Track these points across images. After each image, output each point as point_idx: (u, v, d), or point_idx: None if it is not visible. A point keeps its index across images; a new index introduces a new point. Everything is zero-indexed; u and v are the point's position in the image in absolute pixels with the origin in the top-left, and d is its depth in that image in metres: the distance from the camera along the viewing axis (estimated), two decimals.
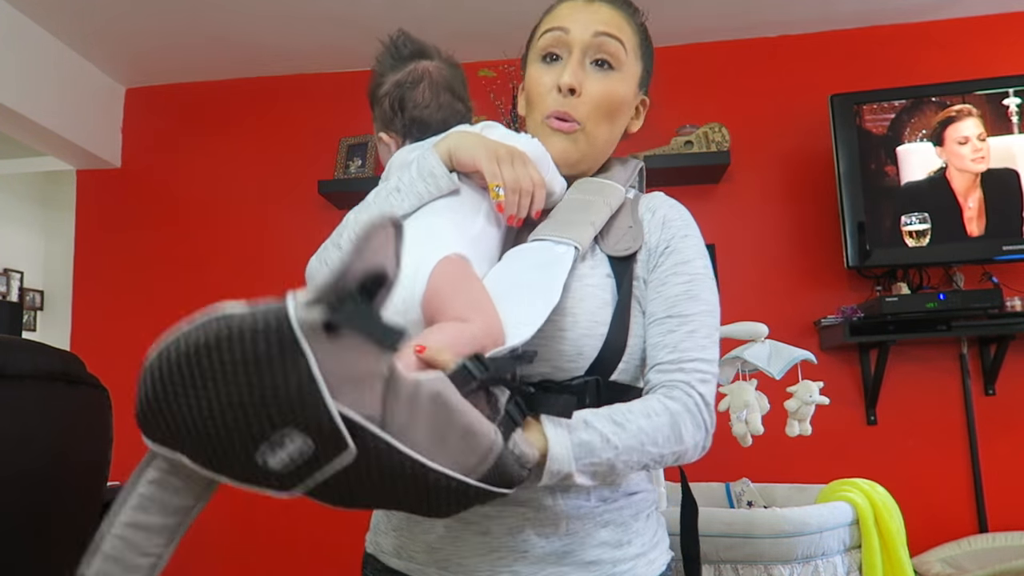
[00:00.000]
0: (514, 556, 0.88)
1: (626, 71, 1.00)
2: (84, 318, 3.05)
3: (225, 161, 3.09)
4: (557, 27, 0.98)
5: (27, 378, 1.10)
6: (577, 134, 0.98)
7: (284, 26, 2.74)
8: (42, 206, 4.97)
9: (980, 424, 2.64)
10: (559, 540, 0.89)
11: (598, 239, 0.96)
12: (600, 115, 0.98)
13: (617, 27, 0.99)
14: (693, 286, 0.94)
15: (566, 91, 0.96)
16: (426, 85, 1.04)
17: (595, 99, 0.97)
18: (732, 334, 1.78)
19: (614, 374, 0.91)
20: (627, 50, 0.99)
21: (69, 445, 1.21)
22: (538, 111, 1.00)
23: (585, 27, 0.97)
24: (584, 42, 0.97)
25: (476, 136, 0.94)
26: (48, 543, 1.17)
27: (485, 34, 2.83)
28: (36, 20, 2.66)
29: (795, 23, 2.86)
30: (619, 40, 0.98)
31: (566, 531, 0.89)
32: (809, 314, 2.76)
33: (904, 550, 1.69)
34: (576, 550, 0.89)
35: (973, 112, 2.56)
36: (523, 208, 0.90)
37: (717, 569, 1.60)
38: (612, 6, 1.01)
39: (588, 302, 0.90)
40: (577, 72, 0.96)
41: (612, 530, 0.91)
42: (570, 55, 0.97)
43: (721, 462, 2.55)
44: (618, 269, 0.94)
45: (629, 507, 0.94)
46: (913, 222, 2.52)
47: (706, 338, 0.91)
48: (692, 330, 0.91)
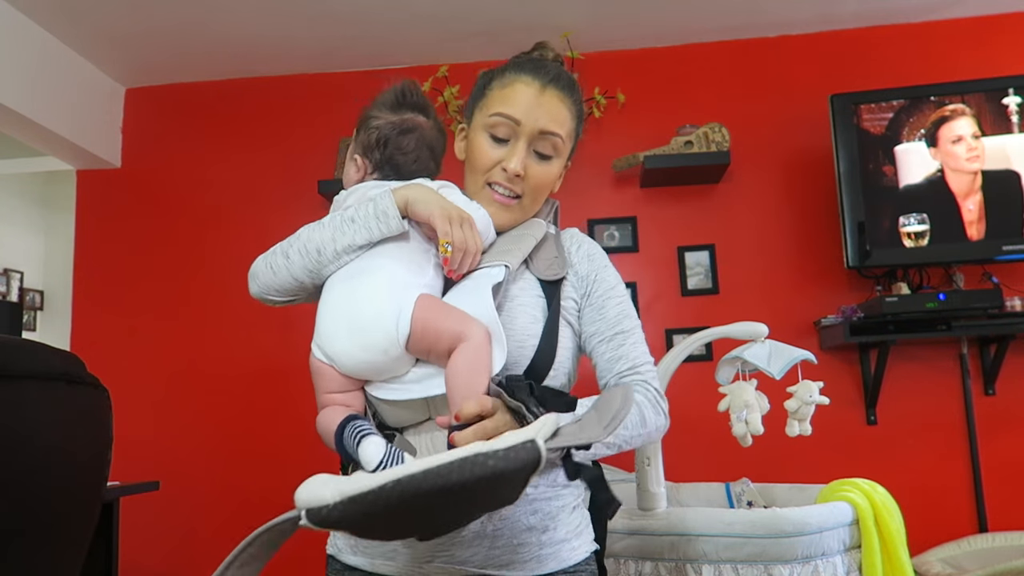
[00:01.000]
0: (451, 540, 0.99)
1: (561, 156, 1.16)
2: (84, 318, 3.05)
3: (225, 161, 3.09)
4: (508, 116, 1.12)
5: (27, 378, 1.10)
6: (514, 206, 1.15)
7: (284, 26, 2.74)
8: (42, 206, 4.97)
9: (980, 424, 2.64)
10: (491, 525, 1.00)
11: (528, 263, 1.12)
12: (536, 194, 1.16)
13: (560, 122, 1.13)
14: (624, 306, 1.14)
15: (512, 175, 1.12)
16: (414, 137, 1.17)
17: (534, 182, 1.14)
18: (732, 334, 1.78)
19: (545, 381, 1.06)
20: (564, 140, 1.15)
21: (69, 445, 1.21)
22: (481, 177, 1.15)
23: (534, 122, 1.11)
24: (530, 134, 1.12)
25: (434, 193, 1.06)
26: (48, 543, 1.17)
27: (485, 34, 2.83)
28: (36, 20, 2.66)
29: (795, 23, 2.86)
30: (559, 136, 1.13)
31: (499, 517, 1.00)
32: (809, 314, 2.76)
33: (904, 550, 1.69)
34: (506, 534, 1.00)
35: (967, 111, 2.56)
36: (464, 266, 1.03)
37: (717, 569, 1.60)
38: (560, 94, 1.14)
39: (520, 318, 1.06)
40: (523, 160, 1.12)
41: (539, 517, 1.03)
42: (516, 141, 1.12)
43: (721, 462, 2.56)
44: (548, 291, 1.10)
45: (557, 498, 1.06)
46: (912, 223, 2.52)
47: (643, 343, 1.13)
48: (635, 342, 1.12)
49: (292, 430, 2.85)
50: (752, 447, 1.78)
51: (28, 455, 1.10)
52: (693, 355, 2.69)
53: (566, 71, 1.18)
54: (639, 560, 1.67)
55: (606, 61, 2.97)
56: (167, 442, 2.90)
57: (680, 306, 2.82)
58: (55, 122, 2.76)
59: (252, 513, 2.86)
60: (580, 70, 2.90)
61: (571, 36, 2.82)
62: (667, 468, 1.81)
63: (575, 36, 2.83)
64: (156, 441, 2.90)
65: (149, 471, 2.74)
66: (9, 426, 1.07)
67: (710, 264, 2.82)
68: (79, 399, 1.24)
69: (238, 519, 2.85)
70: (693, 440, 2.61)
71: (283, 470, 2.85)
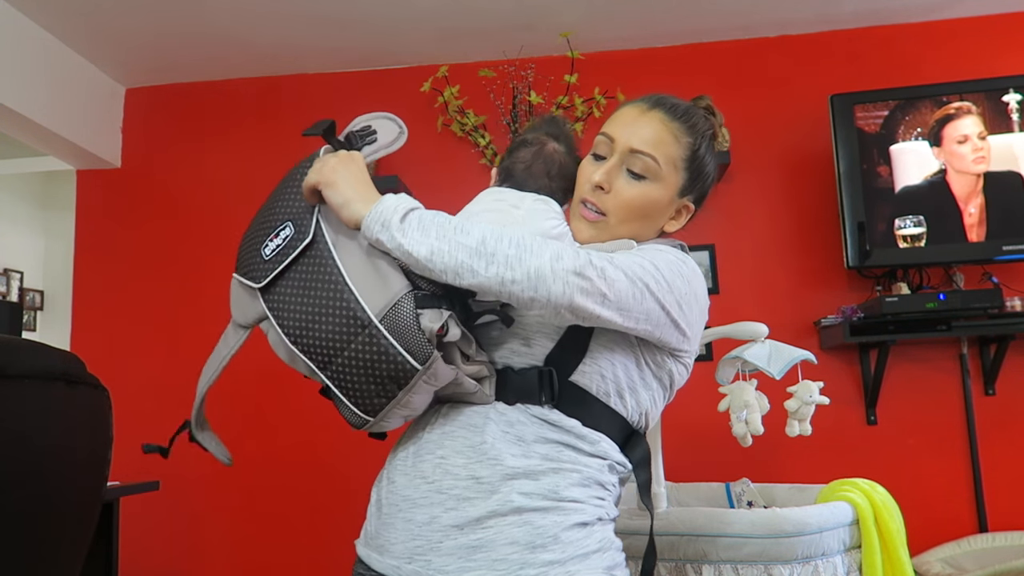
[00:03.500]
0: (429, 545, 0.94)
1: (660, 181, 1.10)
2: (84, 318, 3.05)
3: (225, 161, 3.09)
4: (607, 134, 1.12)
5: (27, 378, 1.10)
6: (599, 223, 1.10)
7: (284, 26, 2.74)
8: (42, 206, 4.97)
9: (980, 424, 2.64)
10: (473, 534, 0.93)
11: None
12: (624, 213, 1.09)
13: (656, 143, 1.09)
14: (653, 255, 1.02)
15: (595, 187, 1.09)
16: (534, 151, 1.20)
17: (621, 200, 1.09)
18: (732, 334, 1.78)
19: (573, 375, 1.01)
20: (661, 164, 1.09)
21: (69, 445, 1.21)
22: (577, 196, 1.14)
23: (628, 140, 1.09)
24: (623, 151, 1.09)
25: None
26: (48, 543, 1.17)
27: (485, 34, 2.83)
28: (36, 20, 2.66)
29: (795, 23, 2.86)
30: (652, 157, 1.08)
31: (481, 526, 0.93)
32: (809, 314, 2.75)
33: (904, 550, 1.69)
34: (487, 546, 0.92)
35: (973, 110, 2.55)
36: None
37: (717, 569, 1.60)
38: (666, 118, 1.11)
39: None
40: (610, 173, 1.09)
41: (528, 531, 0.92)
42: (611, 157, 1.10)
43: (721, 462, 2.56)
44: None
45: (557, 511, 0.94)
46: (907, 225, 2.52)
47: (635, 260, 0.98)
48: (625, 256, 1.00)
49: (292, 430, 2.85)
50: (752, 447, 1.79)
51: (28, 455, 1.10)
52: None
53: (693, 105, 1.15)
54: (639, 560, 1.67)
55: (606, 61, 2.97)
56: (167, 442, 2.89)
57: None
58: (55, 122, 2.76)
59: (252, 513, 2.86)
60: (580, 70, 2.90)
61: (571, 36, 2.82)
62: (667, 468, 1.81)
63: (575, 36, 2.83)
64: (156, 441, 2.89)
65: (149, 471, 2.74)
66: (9, 426, 1.07)
67: (710, 264, 2.82)
68: (79, 399, 1.24)
69: (238, 519, 2.85)
70: (693, 440, 2.61)
71: (283, 470, 2.85)
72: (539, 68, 2.94)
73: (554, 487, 0.95)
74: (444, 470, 0.97)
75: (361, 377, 0.92)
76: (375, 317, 0.90)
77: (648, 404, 1.07)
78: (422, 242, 0.91)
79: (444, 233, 0.92)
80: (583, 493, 0.97)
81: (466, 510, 0.94)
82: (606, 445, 1.01)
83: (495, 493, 0.94)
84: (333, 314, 0.92)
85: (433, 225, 0.93)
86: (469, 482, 0.95)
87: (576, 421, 1.00)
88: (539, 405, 1.00)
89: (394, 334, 0.90)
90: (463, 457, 0.97)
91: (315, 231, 0.97)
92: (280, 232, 1.00)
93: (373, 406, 0.94)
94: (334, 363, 0.92)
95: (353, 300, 0.91)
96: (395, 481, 1.03)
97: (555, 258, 0.91)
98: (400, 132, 1.09)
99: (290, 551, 2.79)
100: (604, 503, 1.01)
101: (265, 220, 1.05)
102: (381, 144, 1.07)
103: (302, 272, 0.95)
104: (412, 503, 0.98)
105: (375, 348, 0.90)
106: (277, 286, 0.97)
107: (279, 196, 1.06)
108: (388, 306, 0.91)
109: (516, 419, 0.99)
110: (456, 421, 1.01)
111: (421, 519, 0.96)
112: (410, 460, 1.02)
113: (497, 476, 0.95)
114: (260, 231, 1.04)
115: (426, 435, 1.03)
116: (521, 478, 0.95)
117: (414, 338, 0.90)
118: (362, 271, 0.94)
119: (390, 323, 0.90)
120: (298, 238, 0.97)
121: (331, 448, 2.76)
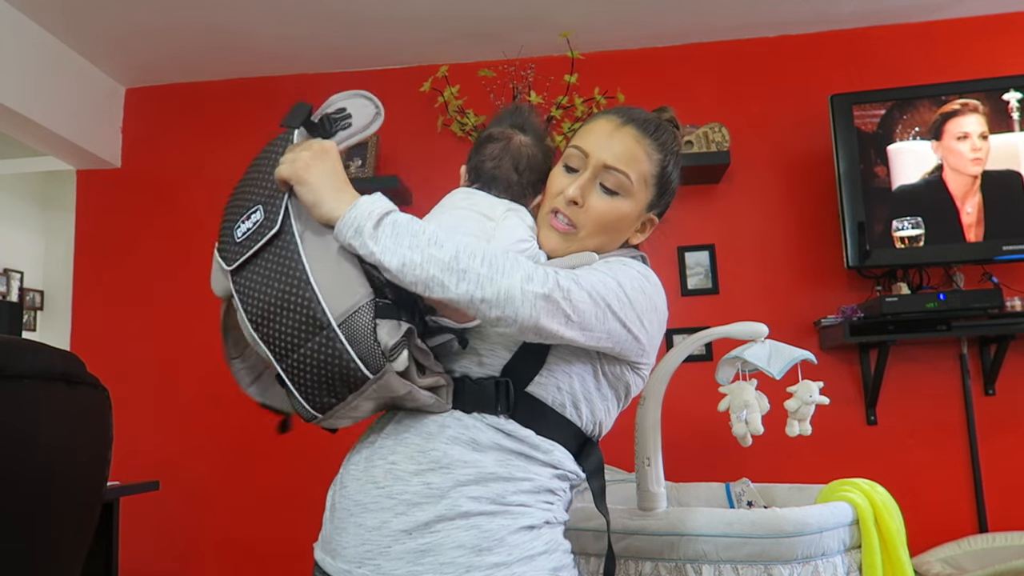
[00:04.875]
0: (379, 550, 0.95)
1: (631, 197, 1.12)
2: (84, 318, 3.05)
3: (225, 161, 3.08)
4: (579, 147, 1.12)
5: (27, 378, 1.10)
6: (569, 235, 1.12)
7: (284, 26, 2.74)
8: (42, 206, 4.97)
9: (980, 424, 2.64)
10: (422, 539, 0.93)
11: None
12: (594, 227, 1.11)
13: (629, 160, 1.10)
14: (616, 270, 1.03)
15: (568, 201, 1.10)
16: (501, 147, 1.19)
17: (593, 215, 1.11)
18: (732, 334, 1.78)
19: (530, 386, 1.02)
20: (633, 181, 1.11)
21: (69, 445, 1.21)
22: (548, 205, 1.15)
23: (601, 155, 1.10)
24: (596, 166, 1.11)
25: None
26: (48, 543, 1.17)
27: (485, 34, 2.83)
28: (36, 20, 2.66)
29: (795, 23, 2.86)
30: (625, 174, 1.10)
31: (429, 530, 0.94)
32: (809, 314, 2.76)
33: (904, 550, 1.69)
34: (434, 550, 0.93)
35: (979, 108, 2.55)
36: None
37: (717, 569, 1.60)
38: (638, 134, 1.12)
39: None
40: (584, 187, 1.10)
41: (474, 535, 0.93)
42: (584, 171, 1.11)
43: (721, 462, 2.56)
44: None
45: (504, 515, 0.96)
46: (905, 227, 2.51)
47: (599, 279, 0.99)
48: (589, 272, 1.01)
49: (292, 430, 2.85)
50: (752, 447, 1.78)
51: (28, 455, 1.10)
52: (693, 355, 2.69)
53: (661, 120, 1.16)
54: (639, 560, 1.67)
55: (606, 61, 2.97)
56: (167, 442, 2.90)
57: (680, 306, 2.82)
58: (55, 122, 2.76)
59: (252, 513, 2.86)
60: (580, 70, 2.90)
61: (571, 36, 2.82)
62: (667, 468, 1.80)
63: (575, 36, 2.83)
64: (156, 441, 2.90)
65: (149, 471, 2.74)
66: (9, 426, 1.07)
67: (710, 264, 2.82)
68: (79, 399, 1.24)
69: (238, 519, 2.85)
70: (693, 440, 2.61)
71: (283, 470, 2.85)
72: (539, 68, 2.94)
73: (502, 492, 0.97)
74: (395, 476, 0.98)
75: (314, 375, 0.92)
76: (334, 321, 0.90)
77: (602, 414, 1.09)
78: (394, 251, 0.91)
79: (417, 243, 0.91)
80: (531, 498, 0.99)
81: (415, 515, 0.95)
82: (559, 454, 1.03)
83: (444, 498, 0.95)
84: (293, 310, 0.91)
85: (407, 234, 0.92)
86: (420, 487, 0.96)
87: (531, 431, 1.01)
88: (495, 415, 1.01)
89: (351, 340, 0.90)
90: (414, 463, 0.98)
91: (283, 222, 0.95)
92: (251, 214, 0.98)
93: (323, 404, 0.94)
94: (290, 357, 0.93)
95: (315, 300, 0.91)
96: (347, 486, 1.03)
97: (525, 280, 0.92)
98: (376, 113, 1.06)
99: (290, 551, 2.78)
100: (552, 507, 1.02)
101: (241, 196, 1.03)
102: (356, 128, 1.04)
103: (269, 261, 0.95)
104: (363, 508, 0.99)
105: (330, 351, 0.90)
106: (245, 270, 0.97)
107: (254, 173, 1.04)
108: (349, 312, 0.91)
109: (472, 425, 1.00)
110: (410, 428, 1.02)
111: (371, 524, 0.97)
112: (362, 465, 1.03)
113: (448, 483, 0.96)
114: (235, 208, 1.03)
115: (380, 440, 1.04)
116: (471, 484, 0.96)
117: (369, 348, 0.90)
118: (327, 271, 0.93)
119: (348, 329, 0.90)
120: (266, 226, 0.96)
121: (332, 448, 2.76)
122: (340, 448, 1.02)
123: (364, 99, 1.07)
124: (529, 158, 1.19)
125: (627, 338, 1.02)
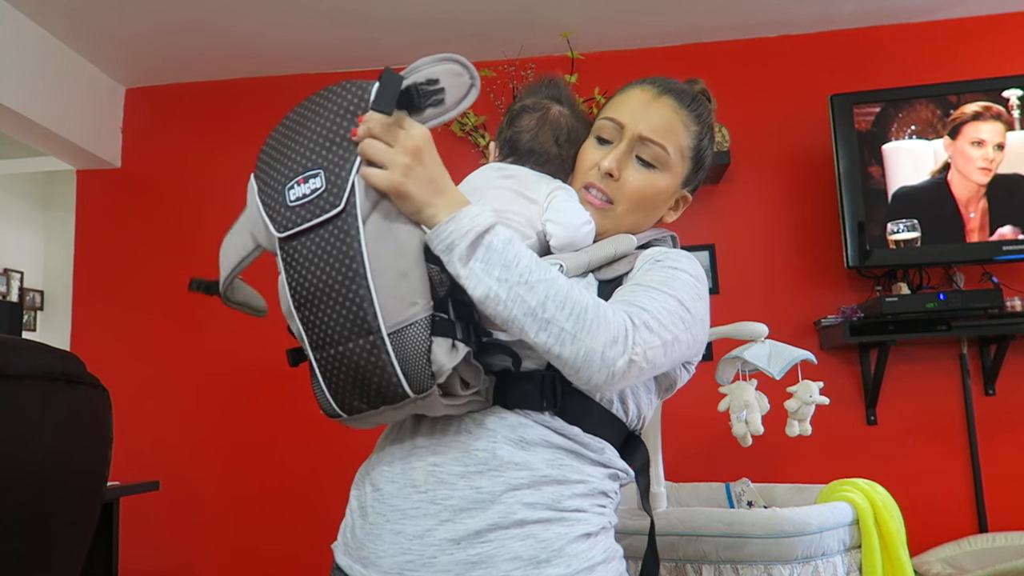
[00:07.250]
0: (422, 560, 0.86)
1: (668, 171, 1.07)
2: (84, 318, 3.05)
3: (225, 161, 3.09)
4: (615, 119, 1.07)
5: (27, 378, 1.10)
6: (607, 211, 1.06)
7: (285, 26, 2.75)
8: (42, 206, 4.97)
9: (980, 424, 2.64)
10: (472, 549, 0.85)
11: (595, 274, 1.02)
12: (632, 203, 1.06)
13: (666, 132, 1.06)
14: (671, 278, 0.96)
15: (604, 174, 1.05)
16: (538, 117, 1.11)
17: (630, 188, 1.05)
18: (732, 334, 1.78)
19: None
20: (670, 153, 1.06)
21: (69, 445, 1.21)
22: (580, 180, 1.08)
23: (637, 125, 1.05)
24: (632, 138, 1.05)
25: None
26: (48, 543, 1.17)
27: (485, 34, 2.83)
28: (36, 20, 2.66)
29: (795, 23, 2.86)
30: (662, 147, 1.05)
31: (481, 540, 0.86)
32: (809, 314, 2.75)
33: (904, 550, 1.69)
34: (486, 562, 0.85)
35: (1002, 115, 2.52)
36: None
37: (717, 569, 1.60)
38: (676, 105, 1.08)
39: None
40: (620, 159, 1.05)
41: (531, 545, 0.86)
42: (619, 143, 1.06)
43: (721, 462, 2.56)
44: (603, 291, 0.99)
45: (561, 522, 0.88)
46: (900, 230, 2.51)
47: (664, 305, 0.91)
48: (653, 296, 0.92)
49: (293, 430, 2.85)
50: (752, 447, 1.79)
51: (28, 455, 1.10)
52: None
53: (697, 92, 1.11)
54: (639, 560, 1.67)
55: (606, 61, 2.97)
56: (167, 442, 2.90)
57: None
58: (55, 122, 2.76)
59: (252, 513, 2.86)
60: (580, 70, 2.90)
61: (571, 36, 2.82)
62: (667, 468, 1.81)
63: (575, 36, 2.83)
64: (156, 441, 2.90)
65: (149, 471, 2.74)
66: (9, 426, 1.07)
67: (710, 264, 2.82)
68: (79, 399, 1.24)
69: (238, 519, 2.85)
70: (693, 440, 2.61)
71: (283, 470, 2.85)
72: (539, 68, 2.94)
73: (558, 497, 0.89)
74: (438, 479, 0.89)
75: (349, 377, 0.83)
76: (385, 328, 0.80)
77: (647, 407, 1.04)
78: (481, 280, 0.83)
79: (507, 277, 0.83)
80: (586, 503, 0.92)
81: (463, 522, 0.86)
82: (610, 453, 0.97)
83: (496, 504, 0.87)
84: (341, 303, 0.81)
85: (499, 263, 0.83)
86: (467, 492, 0.88)
87: (578, 428, 0.94)
88: (539, 412, 0.93)
89: (399, 354, 0.80)
90: (459, 465, 0.89)
91: (347, 201, 0.81)
92: (310, 179, 0.84)
93: (351, 407, 0.86)
94: (326, 350, 0.84)
95: (368, 300, 0.80)
96: (381, 488, 0.94)
97: (609, 344, 0.84)
98: (472, 85, 0.88)
99: (291, 551, 2.78)
100: (606, 511, 0.96)
101: (295, 147, 0.88)
102: (448, 105, 0.88)
103: (324, 240, 0.82)
104: (402, 514, 0.90)
105: (373, 359, 0.81)
106: (296, 241, 0.84)
107: (314, 126, 0.88)
108: (404, 323, 0.81)
109: (518, 423, 0.92)
110: (450, 425, 0.93)
111: (412, 532, 0.88)
112: (397, 466, 0.94)
113: (499, 487, 0.88)
114: (286, 159, 0.89)
115: (415, 439, 0.95)
116: (524, 488, 0.88)
117: (419, 367, 0.81)
118: (389, 270, 0.81)
119: (398, 341, 0.80)
120: (327, 200, 0.82)
121: (332, 448, 2.76)
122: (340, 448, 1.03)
123: (457, 65, 0.89)
124: (570, 129, 1.11)
125: (686, 352, 0.96)
